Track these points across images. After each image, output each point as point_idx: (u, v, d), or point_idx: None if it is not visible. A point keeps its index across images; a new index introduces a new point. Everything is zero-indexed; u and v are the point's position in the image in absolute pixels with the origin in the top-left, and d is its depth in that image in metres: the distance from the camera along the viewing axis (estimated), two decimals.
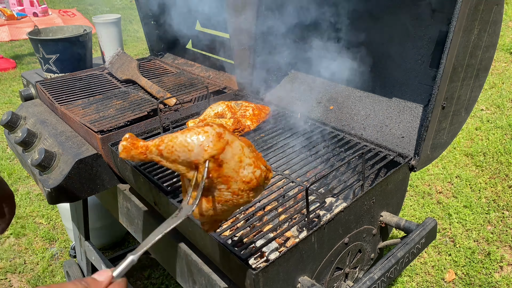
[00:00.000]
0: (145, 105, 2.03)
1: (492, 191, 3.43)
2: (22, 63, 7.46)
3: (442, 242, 3.00)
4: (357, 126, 1.72)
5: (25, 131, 1.91)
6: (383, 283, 1.18)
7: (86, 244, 2.50)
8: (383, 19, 1.68)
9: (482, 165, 3.74)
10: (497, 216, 3.17)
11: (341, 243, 1.27)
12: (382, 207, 1.42)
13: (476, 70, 1.46)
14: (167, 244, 1.49)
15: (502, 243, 2.94)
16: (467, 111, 1.55)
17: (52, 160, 1.74)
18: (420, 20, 1.56)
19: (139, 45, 8.09)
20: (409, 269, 2.80)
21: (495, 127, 4.31)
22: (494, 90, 5.06)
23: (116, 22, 2.71)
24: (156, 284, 2.88)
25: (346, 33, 1.83)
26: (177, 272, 1.48)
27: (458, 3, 1.23)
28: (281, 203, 1.34)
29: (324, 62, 1.90)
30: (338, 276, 1.31)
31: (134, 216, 1.73)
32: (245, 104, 1.88)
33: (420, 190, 3.50)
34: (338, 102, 1.85)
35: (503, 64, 5.74)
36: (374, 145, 1.60)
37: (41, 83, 2.30)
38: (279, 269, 1.09)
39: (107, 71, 2.50)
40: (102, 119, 1.87)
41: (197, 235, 1.27)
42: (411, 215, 3.25)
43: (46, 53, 2.49)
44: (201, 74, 2.47)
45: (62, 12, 9.81)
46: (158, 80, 2.36)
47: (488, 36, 1.41)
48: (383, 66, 1.73)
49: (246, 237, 1.23)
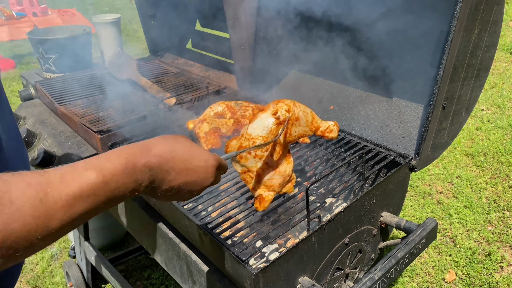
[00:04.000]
0: (144, 105, 2.02)
1: (492, 191, 3.43)
2: (21, 63, 7.45)
3: (443, 242, 3.00)
4: (357, 126, 1.72)
5: (25, 131, 1.91)
6: (384, 283, 1.17)
7: (86, 245, 2.50)
8: (383, 19, 1.68)
9: (483, 165, 3.74)
10: (498, 216, 3.16)
11: (342, 243, 1.27)
12: (383, 208, 1.42)
13: (477, 70, 1.46)
14: (167, 244, 1.49)
15: (503, 243, 2.93)
16: (467, 111, 1.54)
17: (52, 160, 1.74)
18: (420, 20, 1.56)
19: (139, 45, 8.08)
20: (409, 270, 2.79)
21: (495, 127, 4.30)
22: (494, 90, 5.06)
23: (116, 22, 2.71)
24: (156, 285, 2.87)
25: (347, 33, 1.82)
26: (177, 272, 1.48)
27: (459, 3, 1.22)
28: (281, 203, 1.33)
29: (324, 62, 1.90)
30: (338, 276, 1.30)
31: (134, 216, 1.72)
32: (245, 104, 1.88)
33: (420, 190, 3.50)
34: (338, 102, 1.85)
35: (504, 64, 5.73)
36: (375, 145, 1.60)
37: (40, 83, 2.29)
38: (279, 269, 1.09)
39: (107, 71, 2.49)
40: (102, 119, 1.87)
41: (197, 236, 1.27)
42: (412, 215, 3.25)
43: (45, 53, 2.49)
44: (201, 74, 2.47)
45: (62, 12, 9.80)
46: (158, 80, 2.35)
47: (489, 36, 1.41)
48: (384, 66, 1.73)
49: (246, 237, 1.22)
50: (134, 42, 8.18)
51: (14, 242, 0.56)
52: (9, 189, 0.57)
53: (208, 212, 1.34)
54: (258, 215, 1.30)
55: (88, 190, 0.63)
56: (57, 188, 0.60)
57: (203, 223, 1.23)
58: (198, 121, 1.80)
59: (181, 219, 1.33)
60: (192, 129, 1.78)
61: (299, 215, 1.27)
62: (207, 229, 1.20)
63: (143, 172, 0.73)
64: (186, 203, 1.42)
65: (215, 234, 1.18)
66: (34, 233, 0.58)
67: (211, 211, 1.33)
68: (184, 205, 1.40)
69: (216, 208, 1.33)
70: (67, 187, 0.61)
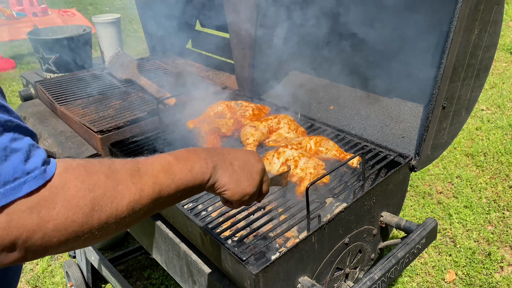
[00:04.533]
0: (145, 105, 2.02)
1: (492, 191, 3.43)
2: (21, 63, 7.45)
3: (443, 242, 3.00)
4: (357, 126, 1.72)
5: None
6: (384, 283, 1.17)
7: None
8: (383, 19, 1.68)
9: (483, 165, 3.74)
10: (498, 216, 3.16)
11: (342, 243, 1.27)
12: (383, 207, 1.42)
13: (477, 70, 1.46)
14: (167, 244, 1.49)
15: (503, 243, 2.93)
16: (467, 111, 1.54)
17: None
18: (421, 20, 1.56)
19: (139, 45, 8.08)
20: (409, 270, 2.79)
21: (495, 127, 4.30)
22: (494, 90, 5.06)
23: (116, 22, 2.71)
24: (156, 285, 2.87)
25: (347, 33, 1.82)
26: (177, 272, 1.48)
27: (459, 3, 1.22)
28: (281, 203, 1.33)
29: (324, 62, 1.90)
30: (338, 276, 1.30)
31: None
32: (245, 104, 1.88)
33: (420, 190, 3.50)
34: (338, 102, 1.85)
35: (504, 64, 5.73)
36: (375, 145, 1.60)
37: (40, 83, 2.29)
38: (279, 269, 1.09)
39: (107, 71, 2.49)
40: (102, 119, 1.87)
41: (197, 236, 1.27)
42: (412, 215, 3.25)
43: (45, 53, 2.49)
44: (201, 74, 2.47)
45: (62, 12, 9.80)
46: (158, 80, 2.35)
47: (489, 36, 1.41)
48: (384, 66, 1.73)
49: (246, 237, 1.22)
50: (134, 42, 8.17)
51: (120, 203, 0.68)
52: (113, 163, 0.72)
53: (208, 212, 1.34)
54: (258, 215, 1.30)
55: (166, 166, 0.80)
56: (145, 164, 0.77)
57: (203, 223, 1.23)
58: (198, 121, 1.80)
59: (181, 219, 1.33)
60: (192, 129, 1.78)
61: (299, 215, 1.27)
62: (207, 229, 1.20)
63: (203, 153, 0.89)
64: (186, 203, 1.42)
65: (215, 234, 1.18)
66: (133, 196, 0.71)
67: (211, 211, 1.33)
68: (184, 205, 1.40)
69: (216, 208, 1.33)
70: (151, 164, 0.78)
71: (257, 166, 0.98)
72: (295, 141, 1.57)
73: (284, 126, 1.68)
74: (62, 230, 0.62)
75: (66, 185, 0.63)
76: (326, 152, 1.51)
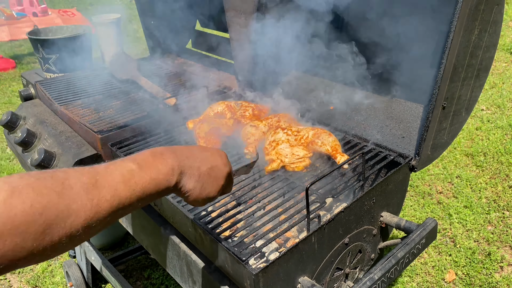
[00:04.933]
0: (145, 105, 2.02)
1: (492, 191, 3.43)
2: (21, 63, 7.45)
3: (443, 242, 3.00)
4: (357, 126, 1.72)
5: (25, 131, 1.91)
6: (383, 283, 1.17)
7: (86, 244, 2.50)
8: (383, 19, 1.68)
9: (483, 165, 3.74)
10: (498, 216, 3.16)
11: (341, 243, 1.27)
12: (383, 208, 1.42)
13: (477, 70, 1.46)
14: (167, 244, 1.49)
15: (503, 243, 2.93)
16: (467, 111, 1.54)
17: (52, 160, 1.74)
18: (421, 20, 1.56)
19: (139, 45, 8.08)
20: (409, 270, 2.79)
21: (495, 127, 4.30)
22: (494, 90, 5.06)
23: (116, 22, 2.71)
24: (156, 285, 2.88)
25: (347, 33, 1.82)
26: (177, 272, 1.48)
27: (459, 3, 1.22)
28: (281, 203, 1.33)
29: (324, 62, 1.90)
30: (338, 276, 1.30)
31: (134, 216, 1.72)
32: (245, 104, 1.88)
33: (420, 190, 3.50)
34: (338, 102, 1.85)
35: (504, 64, 5.73)
36: (375, 145, 1.60)
37: (41, 83, 2.29)
38: (279, 269, 1.09)
39: (107, 71, 2.49)
40: (102, 119, 1.87)
41: (197, 235, 1.27)
42: (412, 215, 3.25)
43: (45, 53, 2.49)
44: (201, 74, 2.47)
45: (62, 12, 9.79)
46: (158, 80, 2.35)
47: (489, 36, 1.41)
48: (384, 66, 1.73)
49: (246, 237, 1.22)
50: (134, 42, 8.16)
51: (74, 222, 0.66)
52: (68, 177, 0.68)
53: (208, 212, 1.34)
54: (258, 215, 1.30)
55: (128, 175, 0.76)
56: (104, 174, 0.73)
57: (203, 223, 1.23)
58: (198, 121, 1.80)
59: (181, 219, 1.33)
60: (192, 129, 1.78)
61: (299, 215, 1.27)
62: (207, 229, 1.20)
63: (170, 158, 0.86)
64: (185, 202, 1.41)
65: (215, 234, 1.18)
66: (89, 213, 0.68)
67: (211, 211, 1.33)
68: (184, 204, 1.40)
69: (216, 208, 1.33)
70: (111, 174, 0.74)
71: (223, 170, 0.98)
72: (295, 127, 1.61)
73: (284, 125, 1.69)
74: (10, 256, 0.60)
75: (12, 212, 0.60)
76: (320, 145, 1.51)
